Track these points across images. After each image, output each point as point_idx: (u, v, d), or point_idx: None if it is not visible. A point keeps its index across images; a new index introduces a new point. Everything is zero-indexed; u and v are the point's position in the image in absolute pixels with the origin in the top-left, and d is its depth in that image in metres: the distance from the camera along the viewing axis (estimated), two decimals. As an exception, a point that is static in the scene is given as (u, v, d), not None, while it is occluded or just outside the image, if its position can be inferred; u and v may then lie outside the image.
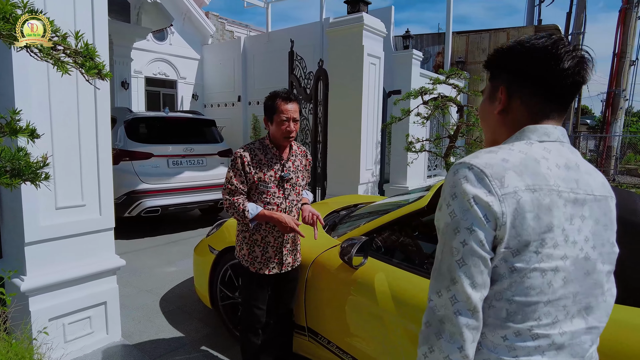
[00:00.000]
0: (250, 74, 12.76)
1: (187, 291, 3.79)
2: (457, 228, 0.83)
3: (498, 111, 0.97)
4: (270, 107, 2.17)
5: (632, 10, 13.89)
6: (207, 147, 6.02)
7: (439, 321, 0.83)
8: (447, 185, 0.87)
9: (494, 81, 0.99)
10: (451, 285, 0.82)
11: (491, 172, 0.83)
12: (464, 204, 0.82)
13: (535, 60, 0.90)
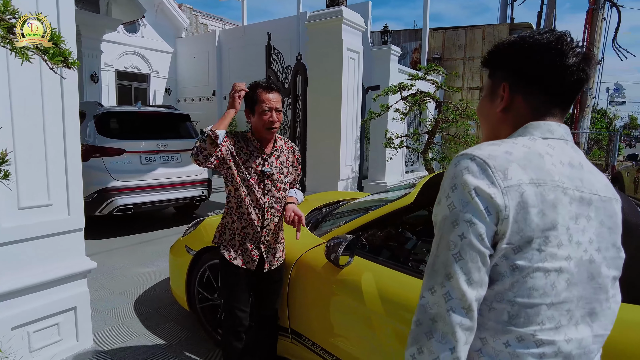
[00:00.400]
0: (226, 68, 12.51)
1: (163, 293, 3.64)
2: (455, 220, 0.78)
3: (500, 109, 0.93)
4: (251, 97, 2.07)
5: (599, 11, 14.37)
6: (181, 142, 5.82)
7: (430, 320, 0.78)
8: (447, 177, 0.82)
9: (495, 78, 0.95)
10: (445, 281, 0.77)
11: (494, 163, 0.79)
12: (465, 195, 0.78)
13: (538, 56, 0.87)
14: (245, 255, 2.12)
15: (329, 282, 2.17)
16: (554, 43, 0.85)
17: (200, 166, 1.99)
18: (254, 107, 2.07)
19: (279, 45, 6.93)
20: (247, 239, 2.11)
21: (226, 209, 2.16)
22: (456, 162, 0.82)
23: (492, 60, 0.96)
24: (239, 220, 2.10)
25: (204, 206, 6.88)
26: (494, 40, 9.80)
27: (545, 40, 0.86)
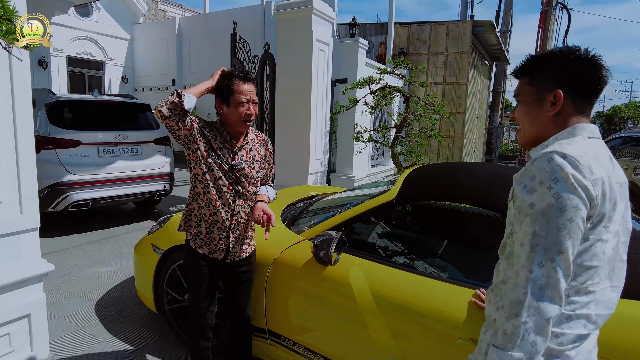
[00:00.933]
0: (186, 57, 12.04)
1: (127, 294, 3.43)
2: (563, 207, 0.96)
3: (554, 113, 1.11)
4: (226, 87, 1.94)
5: (551, 13, 15.04)
6: (142, 134, 5.51)
7: (539, 289, 0.97)
8: (542, 171, 0.99)
9: (542, 86, 1.12)
10: (556, 256, 0.97)
11: (582, 161, 0.99)
12: (569, 186, 0.97)
13: (585, 67, 1.08)
14: (212, 244, 2.02)
15: (315, 280, 2.11)
16: (590, 57, 1.08)
17: (164, 121, 1.82)
18: (228, 97, 1.94)
19: (243, 34, 6.69)
20: (215, 226, 2.00)
21: (191, 195, 2.02)
22: (549, 158, 0.99)
23: (537, 70, 1.14)
24: (206, 206, 1.98)
25: (165, 201, 6.59)
26: (457, 36, 10.01)
27: (585, 55, 1.09)
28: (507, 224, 1.17)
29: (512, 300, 0.99)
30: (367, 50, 7.47)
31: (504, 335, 0.99)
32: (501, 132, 16.97)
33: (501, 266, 1.17)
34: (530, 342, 0.96)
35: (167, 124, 1.84)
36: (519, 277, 0.99)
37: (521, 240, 1.01)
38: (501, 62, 15.33)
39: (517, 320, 0.97)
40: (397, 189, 2.25)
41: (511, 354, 0.97)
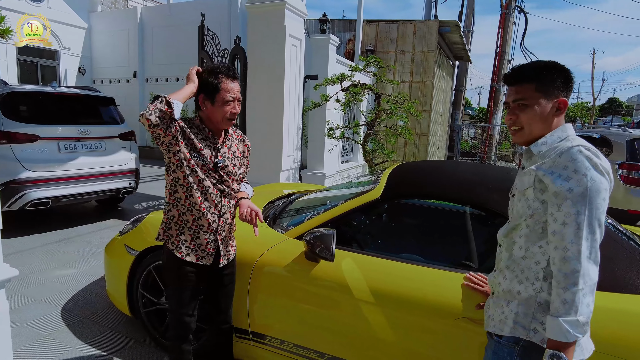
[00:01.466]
0: (149, 49, 11.60)
1: (95, 297, 3.26)
2: (598, 189, 1.18)
3: (560, 116, 1.33)
4: (213, 85, 1.87)
5: (510, 16, 15.64)
6: (106, 128, 5.26)
7: (587, 258, 1.16)
8: (575, 161, 1.19)
9: (550, 92, 1.31)
10: (597, 229, 1.18)
11: (596, 152, 1.22)
12: (599, 172, 1.19)
13: (571, 78, 1.33)
14: (200, 250, 1.94)
15: (304, 278, 2.10)
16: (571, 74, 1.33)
17: (151, 129, 1.73)
18: (214, 95, 1.87)
19: (210, 27, 6.51)
20: (201, 231, 1.92)
21: (171, 201, 1.92)
22: (578, 150, 1.21)
23: (546, 80, 1.31)
24: (189, 211, 1.90)
25: (130, 198, 6.33)
26: (424, 36, 10.20)
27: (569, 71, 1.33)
28: (514, 213, 1.37)
29: (567, 272, 1.16)
30: (337, 46, 7.47)
31: (565, 304, 1.15)
32: (462, 130, 17.52)
33: (504, 248, 1.40)
34: (587, 304, 1.15)
35: (154, 132, 1.75)
36: (569, 251, 1.17)
37: (563, 220, 1.19)
38: (464, 61, 15.80)
39: (576, 288, 1.14)
40: (382, 188, 2.26)
41: (577, 319, 1.14)
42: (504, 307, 1.35)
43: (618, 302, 1.64)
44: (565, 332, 1.14)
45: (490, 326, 1.39)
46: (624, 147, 5.69)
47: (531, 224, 1.30)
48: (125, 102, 11.55)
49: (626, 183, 5.47)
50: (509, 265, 1.37)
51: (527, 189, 1.30)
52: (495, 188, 2.07)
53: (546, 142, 1.31)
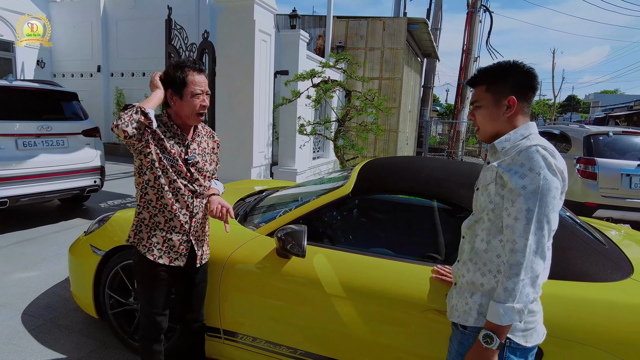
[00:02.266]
0: (113, 42, 11.22)
1: (59, 300, 3.15)
2: (549, 188, 1.24)
3: (509, 115, 1.38)
4: (179, 79, 1.84)
5: (476, 14, 16.05)
6: (68, 125, 5.06)
7: (533, 252, 1.23)
8: (531, 160, 1.25)
9: (499, 92, 1.38)
10: (545, 225, 1.24)
11: (553, 152, 1.29)
12: (552, 171, 1.25)
13: (528, 79, 1.37)
14: (173, 252, 1.92)
15: (276, 274, 2.11)
16: (530, 72, 1.37)
17: (126, 140, 1.69)
18: (182, 89, 1.84)
19: (177, 20, 6.36)
20: (174, 232, 1.90)
21: (142, 203, 1.89)
22: (535, 150, 1.27)
23: (494, 81, 1.38)
24: (161, 213, 1.87)
25: (95, 197, 6.13)
26: (393, 33, 10.32)
27: (527, 68, 1.37)
28: (477, 206, 1.44)
29: (512, 263, 1.24)
30: (307, 42, 7.45)
31: (505, 291, 1.24)
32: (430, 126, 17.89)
33: (467, 240, 1.46)
34: (526, 294, 1.23)
35: (129, 142, 1.72)
36: (517, 244, 1.24)
37: (515, 215, 1.26)
38: (432, 58, 16.10)
39: (517, 279, 1.23)
40: (352, 183, 2.29)
41: (513, 306, 1.23)
42: (468, 299, 1.40)
43: (573, 289, 1.74)
44: (501, 316, 1.24)
45: (455, 316, 1.45)
46: (581, 142, 5.96)
47: (492, 217, 1.36)
48: (89, 97, 11.13)
49: (583, 177, 5.75)
50: (472, 258, 1.42)
51: (489, 184, 1.36)
52: (461, 183, 2.14)
53: (509, 139, 1.37)
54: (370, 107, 6.02)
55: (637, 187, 5.55)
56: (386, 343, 1.94)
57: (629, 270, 1.90)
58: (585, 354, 1.63)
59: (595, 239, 2.11)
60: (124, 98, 11.08)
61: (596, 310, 1.68)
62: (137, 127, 1.68)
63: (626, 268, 1.92)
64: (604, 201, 5.59)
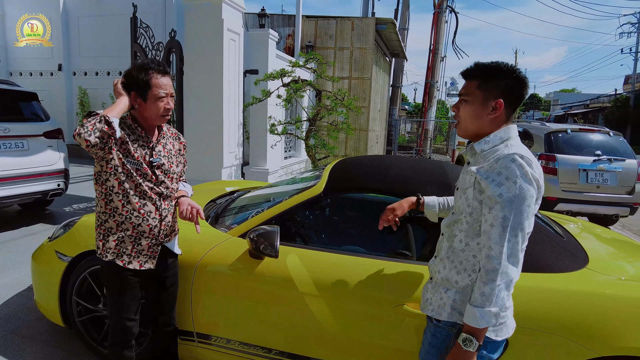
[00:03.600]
0: (75, 39, 10.80)
1: (22, 309, 3.03)
2: (524, 196, 1.27)
3: (493, 117, 1.38)
4: (143, 81, 1.81)
5: (442, 15, 16.42)
6: (28, 126, 4.86)
7: (507, 258, 1.28)
8: (508, 168, 1.28)
9: (488, 91, 1.37)
10: (519, 232, 1.29)
11: (532, 160, 1.31)
12: (528, 180, 1.28)
13: (520, 87, 1.37)
14: (142, 256, 1.89)
15: (249, 276, 2.11)
16: (524, 80, 1.38)
17: (89, 149, 1.66)
18: (146, 92, 1.82)
19: (143, 18, 6.21)
20: (142, 237, 1.88)
21: (108, 211, 1.84)
22: (513, 158, 1.28)
23: (488, 80, 1.37)
24: (128, 220, 1.84)
25: (59, 200, 5.90)
26: (362, 33, 10.43)
27: (522, 76, 1.37)
28: (457, 207, 1.47)
29: (489, 269, 1.29)
30: (276, 42, 7.44)
31: (482, 295, 1.29)
32: (399, 125, 18.20)
33: (446, 238, 1.50)
34: (501, 298, 1.29)
35: (92, 151, 1.68)
36: (493, 250, 1.29)
37: (491, 222, 1.30)
38: (400, 58, 16.36)
39: (494, 284, 1.28)
40: (324, 183, 2.32)
41: (490, 310, 1.28)
42: (442, 294, 1.45)
43: (535, 280, 1.83)
44: (479, 319, 1.28)
45: (429, 310, 1.50)
46: (543, 139, 6.23)
47: (470, 221, 1.40)
48: (50, 97, 10.70)
49: (545, 172, 6.00)
50: (449, 256, 1.47)
51: (467, 188, 1.39)
52: (429, 181, 2.21)
53: (488, 142, 1.39)
54: (341, 107, 6.07)
55: (592, 182, 5.85)
56: (360, 339, 1.98)
57: (585, 261, 2.02)
58: (546, 341, 1.73)
59: (554, 232, 2.23)
60: (87, 98, 10.70)
61: (555, 299, 1.78)
62: (100, 136, 1.65)
63: (582, 258, 2.04)
64: (563, 195, 5.87)
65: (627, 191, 5.89)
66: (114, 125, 1.67)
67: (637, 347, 1.65)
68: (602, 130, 6.32)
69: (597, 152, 5.93)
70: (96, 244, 1.90)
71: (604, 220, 6.18)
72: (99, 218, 1.87)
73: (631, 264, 2.31)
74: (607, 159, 5.87)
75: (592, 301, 1.76)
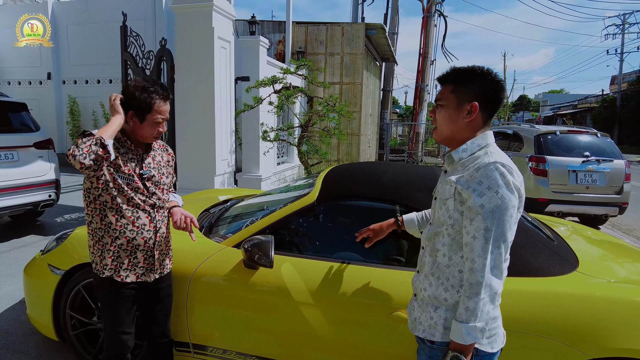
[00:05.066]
0: (64, 47, 10.74)
1: (14, 324, 2.99)
2: (506, 206, 1.25)
3: (469, 120, 1.36)
4: (145, 104, 1.82)
5: (431, 19, 16.59)
6: (18, 137, 4.82)
7: (491, 270, 1.25)
8: (489, 178, 1.25)
9: (463, 95, 1.35)
10: (502, 244, 1.26)
11: (513, 168, 1.29)
12: (510, 190, 1.25)
13: (496, 90, 1.35)
14: (139, 268, 1.89)
15: (244, 286, 2.12)
16: (500, 83, 1.35)
17: (84, 171, 1.66)
18: (145, 114, 1.84)
19: (133, 27, 6.20)
20: (137, 250, 1.88)
21: (103, 226, 1.83)
22: (494, 167, 1.26)
23: (462, 83, 1.36)
24: (122, 234, 1.84)
25: (50, 211, 5.85)
26: (352, 38, 10.50)
27: (497, 79, 1.35)
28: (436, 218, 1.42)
29: (472, 283, 1.26)
30: (267, 48, 7.46)
31: (467, 310, 1.26)
32: (390, 128, 18.31)
33: (428, 253, 1.44)
34: (486, 312, 1.26)
35: (85, 172, 1.68)
36: (476, 263, 1.26)
37: (473, 233, 1.27)
38: (390, 62, 16.48)
39: (478, 298, 1.25)
40: (317, 191, 2.34)
41: (475, 325, 1.25)
42: (432, 313, 1.40)
43: (526, 285, 1.86)
44: (465, 335, 1.26)
45: (420, 330, 1.44)
46: (532, 141, 6.31)
47: (452, 233, 1.35)
48: (40, 106, 10.60)
49: (535, 174, 6.08)
50: (434, 272, 1.41)
51: (448, 199, 1.35)
52: (420, 187, 2.23)
53: (466, 149, 1.36)
54: (332, 113, 6.10)
55: (582, 182, 5.94)
56: (356, 347, 2.00)
57: (575, 264, 2.05)
58: (537, 344, 1.75)
59: (545, 236, 2.26)
60: (77, 106, 10.63)
61: (546, 303, 1.80)
62: (95, 158, 1.65)
63: (572, 262, 2.07)
64: (554, 196, 5.94)
65: (615, 191, 5.99)
66: (109, 148, 1.68)
67: (627, 349, 1.68)
68: (590, 131, 6.42)
69: (585, 153, 6.02)
70: (93, 259, 1.89)
71: (594, 220, 6.26)
72: (95, 234, 1.86)
73: (621, 266, 2.35)
74: (596, 159, 5.96)
75: (583, 304, 1.79)
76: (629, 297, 1.82)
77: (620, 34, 30.77)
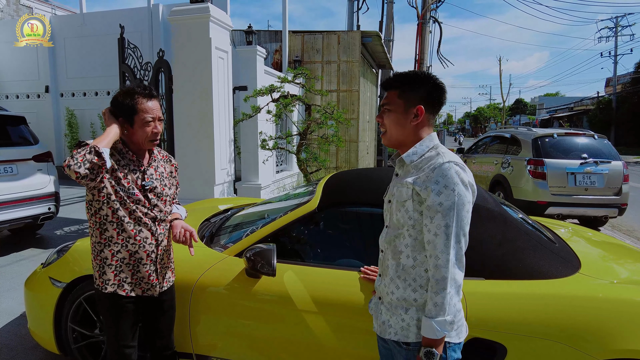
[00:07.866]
0: (61, 61, 10.78)
1: (15, 338, 2.97)
2: (463, 203, 1.31)
3: (416, 123, 1.42)
4: (129, 106, 1.82)
5: (426, 25, 16.71)
6: (16, 151, 4.82)
7: (454, 265, 1.30)
8: (445, 177, 1.31)
9: (409, 100, 1.41)
10: (462, 238, 1.32)
11: (464, 167, 1.36)
12: (465, 187, 1.33)
13: (438, 93, 1.43)
14: (144, 283, 1.89)
15: (247, 295, 2.11)
16: (442, 85, 1.43)
17: (80, 181, 1.66)
18: (132, 117, 1.82)
19: (130, 39, 6.24)
20: (140, 264, 1.87)
21: (103, 240, 1.83)
22: (449, 167, 1.32)
23: (407, 88, 1.41)
24: (124, 248, 1.83)
25: (50, 224, 5.83)
26: (348, 46, 10.57)
27: (439, 82, 1.43)
28: (394, 221, 1.44)
29: (438, 279, 1.30)
30: (264, 57, 7.50)
31: (436, 306, 1.30)
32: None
33: (390, 256, 1.45)
34: (453, 305, 1.31)
35: (82, 182, 1.67)
36: (440, 259, 1.30)
37: (435, 231, 1.31)
38: (386, 69, 16.56)
39: (445, 292, 1.29)
40: (318, 199, 2.34)
41: (445, 319, 1.29)
42: (403, 315, 1.40)
43: (529, 287, 1.86)
44: (436, 330, 1.29)
45: (391, 334, 1.43)
46: (530, 145, 6.33)
47: (414, 233, 1.38)
48: (38, 119, 10.63)
49: (534, 177, 6.10)
50: (400, 275, 1.42)
51: (406, 201, 1.38)
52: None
53: (417, 152, 1.41)
54: (330, 120, 6.13)
55: (580, 184, 5.95)
56: (361, 355, 1.98)
57: (577, 265, 2.05)
58: (542, 347, 1.75)
59: (546, 238, 2.27)
60: (76, 119, 10.65)
61: (550, 305, 1.80)
62: (90, 167, 1.64)
63: (575, 263, 2.07)
64: (553, 199, 5.95)
65: (614, 192, 6.00)
66: (104, 155, 1.67)
67: (633, 350, 1.68)
68: (587, 133, 6.45)
69: (583, 155, 6.04)
70: (94, 274, 1.88)
71: (593, 222, 6.27)
72: (95, 248, 1.86)
73: (623, 267, 2.35)
74: (594, 161, 5.98)
75: (587, 305, 1.79)
76: (633, 297, 1.82)
77: (613, 36, 31.03)
